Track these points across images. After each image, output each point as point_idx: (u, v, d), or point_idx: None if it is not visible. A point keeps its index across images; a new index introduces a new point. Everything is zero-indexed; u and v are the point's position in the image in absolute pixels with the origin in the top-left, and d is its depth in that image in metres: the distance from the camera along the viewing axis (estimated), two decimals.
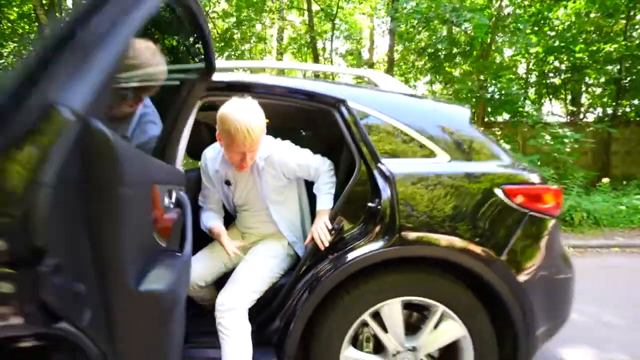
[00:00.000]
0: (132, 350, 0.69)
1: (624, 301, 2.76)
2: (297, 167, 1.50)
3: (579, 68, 10.52)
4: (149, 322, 0.71)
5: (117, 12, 0.62)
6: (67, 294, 0.55)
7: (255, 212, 1.59)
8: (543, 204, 1.43)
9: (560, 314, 1.49)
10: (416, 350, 1.36)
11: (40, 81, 0.54)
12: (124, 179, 0.59)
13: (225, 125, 1.28)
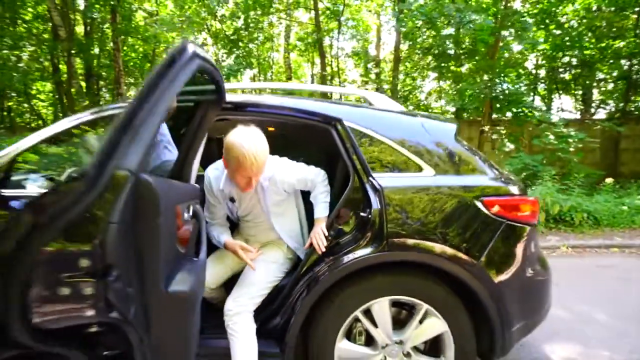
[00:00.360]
0: (162, 337, 0.90)
1: (613, 300, 2.89)
2: (296, 182, 1.65)
3: (589, 63, 10.44)
4: (175, 316, 0.92)
5: (160, 98, 0.84)
6: (122, 295, 0.76)
7: (258, 223, 1.74)
8: (519, 213, 1.58)
9: (536, 313, 1.64)
10: (403, 344, 1.54)
11: (109, 156, 0.79)
12: (160, 211, 0.80)
13: (234, 153, 1.39)
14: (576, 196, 5.17)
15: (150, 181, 0.86)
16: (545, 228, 4.87)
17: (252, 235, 1.80)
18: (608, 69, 10.64)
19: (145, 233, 0.84)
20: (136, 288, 0.81)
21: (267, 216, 1.69)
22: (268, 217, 1.69)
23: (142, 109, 0.86)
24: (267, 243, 1.76)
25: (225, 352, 1.50)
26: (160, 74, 0.93)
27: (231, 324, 1.49)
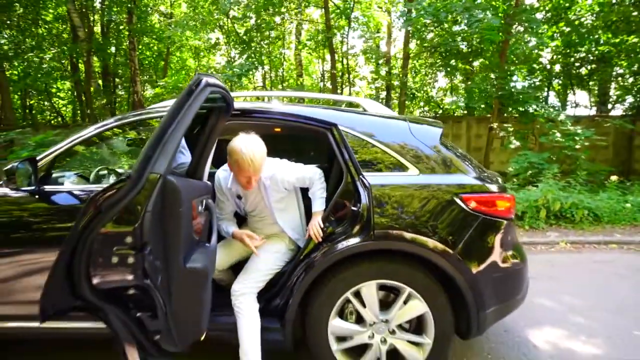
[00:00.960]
0: (180, 303, 1.15)
1: (603, 293, 3.02)
2: (295, 180, 1.87)
3: (606, 59, 10.29)
4: (191, 287, 1.17)
5: (181, 120, 1.12)
6: (153, 266, 1.00)
7: (262, 217, 1.96)
8: (496, 209, 1.77)
9: (510, 298, 1.83)
10: (388, 322, 1.75)
11: (147, 164, 1.07)
12: (182, 203, 1.04)
13: (234, 157, 1.65)
14: (578, 193, 5.24)
15: (174, 181, 1.15)
16: (546, 224, 4.98)
17: (258, 229, 2.01)
18: (627, 63, 10.44)
19: (170, 219, 1.10)
20: (162, 262, 1.07)
21: (270, 211, 1.90)
22: (271, 213, 1.90)
23: (169, 129, 1.15)
24: (271, 235, 1.98)
25: (231, 328, 1.73)
26: (181, 102, 1.21)
27: (237, 303, 1.72)
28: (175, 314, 1.17)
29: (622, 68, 11.04)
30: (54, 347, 2.22)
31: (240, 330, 1.70)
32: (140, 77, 12.33)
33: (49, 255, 1.68)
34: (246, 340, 1.68)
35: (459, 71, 8.91)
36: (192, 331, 1.28)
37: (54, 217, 1.72)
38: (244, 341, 1.68)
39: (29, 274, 1.71)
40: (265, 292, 1.83)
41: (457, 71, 8.60)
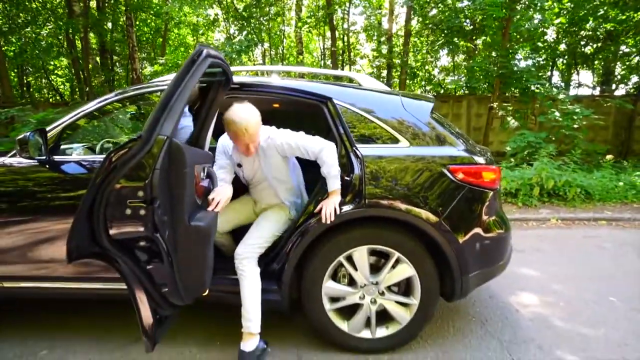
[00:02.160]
0: (185, 256, 1.27)
1: (586, 264, 3.17)
2: (294, 146, 1.84)
3: (612, 36, 10.10)
4: (195, 244, 1.28)
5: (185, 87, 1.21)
6: (161, 220, 1.11)
7: (262, 187, 2.02)
8: (481, 180, 1.87)
9: (492, 264, 1.95)
10: (378, 284, 1.88)
11: (155, 126, 1.18)
12: (186, 164, 1.14)
13: (230, 127, 1.71)
14: (572, 172, 5.33)
15: (179, 143, 1.24)
16: (539, 202, 5.09)
17: (260, 199, 2.09)
18: (634, 42, 10.24)
19: (175, 178, 1.22)
20: (169, 218, 1.18)
21: (268, 180, 1.95)
22: (269, 181, 1.95)
23: (174, 95, 1.24)
24: (273, 205, 2.07)
25: (230, 290, 1.86)
26: (184, 71, 1.30)
27: (240, 266, 1.82)
28: (181, 269, 1.29)
29: (628, 47, 10.86)
30: (61, 309, 2.38)
31: (242, 290, 1.81)
32: (138, 54, 12.17)
33: (58, 219, 1.81)
34: (248, 300, 1.79)
35: (460, 49, 8.79)
36: (196, 286, 1.41)
37: (62, 184, 1.82)
38: (246, 301, 1.80)
39: (40, 237, 1.84)
40: (264, 257, 1.96)
41: (459, 49, 8.48)
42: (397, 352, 1.92)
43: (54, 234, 1.84)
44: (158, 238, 1.24)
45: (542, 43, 10.25)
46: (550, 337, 2.08)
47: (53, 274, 1.87)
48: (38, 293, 1.97)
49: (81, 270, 1.87)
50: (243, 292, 1.81)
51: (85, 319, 2.26)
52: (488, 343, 2.02)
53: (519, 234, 4.16)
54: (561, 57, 12.14)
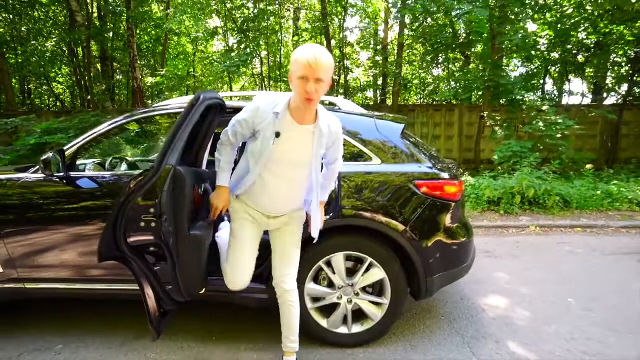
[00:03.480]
0: (185, 259, 1.55)
1: (555, 269, 3.43)
2: (340, 149, 1.76)
3: (602, 45, 10.44)
4: (193, 248, 1.56)
5: (186, 127, 1.53)
6: (167, 230, 1.39)
7: (292, 175, 1.62)
8: (443, 193, 2.14)
9: (455, 266, 2.21)
10: (354, 286, 2.14)
11: (164, 157, 1.44)
12: (186, 187, 1.42)
13: (295, 59, 1.42)
14: (552, 181, 5.61)
15: (182, 170, 1.53)
16: (520, 210, 5.37)
17: (276, 200, 1.68)
18: (623, 52, 10.57)
19: (178, 198, 1.49)
20: (173, 228, 1.47)
21: (311, 167, 1.61)
22: (310, 165, 1.61)
23: (177, 134, 1.54)
24: (293, 216, 1.79)
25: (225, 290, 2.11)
26: (185, 114, 1.61)
27: (292, 298, 1.81)
28: (181, 269, 1.57)
29: (618, 56, 11.20)
30: (73, 309, 2.63)
31: (293, 318, 1.83)
32: (139, 63, 12.47)
33: (72, 227, 2.08)
34: (296, 325, 1.85)
35: (449, 62, 9.13)
36: (194, 285, 1.68)
37: (77, 197, 2.10)
38: (296, 325, 1.85)
39: (57, 243, 2.11)
40: (258, 264, 2.22)
41: (447, 62, 8.82)
42: (370, 346, 2.18)
43: (69, 240, 2.11)
44: (164, 245, 1.51)
45: (534, 51, 10.56)
46: (507, 333, 2.34)
47: (69, 276, 2.13)
48: (54, 293, 2.22)
49: (92, 273, 2.14)
50: (293, 319, 1.84)
51: (94, 318, 2.52)
52: (452, 338, 2.28)
53: (498, 241, 4.44)
54: (554, 66, 12.46)
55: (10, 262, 2.15)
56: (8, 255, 2.14)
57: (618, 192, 5.56)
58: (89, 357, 2.09)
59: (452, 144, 10.25)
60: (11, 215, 2.14)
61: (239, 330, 2.35)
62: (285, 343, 1.88)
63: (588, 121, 9.52)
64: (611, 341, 2.23)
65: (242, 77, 12.24)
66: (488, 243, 4.29)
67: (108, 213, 2.02)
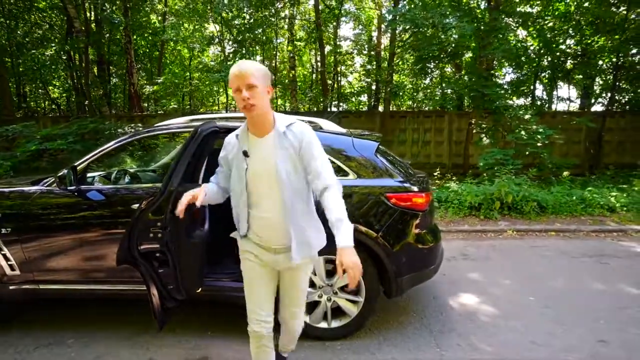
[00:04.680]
0: (185, 262, 1.85)
1: (524, 270, 3.74)
2: (314, 154, 1.49)
3: (588, 53, 10.84)
4: (190, 253, 1.85)
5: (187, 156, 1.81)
6: (170, 239, 1.68)
7: (273, 189, 1.49)
8: (411, 203, 2.43)
9: (422, 268, 2.51)
10: (332, 286, 2.43)
11: (169, 181, 1.77)
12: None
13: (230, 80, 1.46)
14: (529, 187, 5.94)
15: (182, 191, 1.78)
16: (499, 215, 5.69)
17: (262, 234, 1.57)
18: (608, 59, 10.95)
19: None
20: (175, 237, 1.76)
21: (283, 178, 1.46)
22: (282, 179, 1.46)
23: (180, 161, 1.83)
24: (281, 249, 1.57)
25: (218, 289, 2.39)
26: (185, 145, 1.93)
27: (297, 334, 1.91)
28: (181, 271, 1.86)
29: (605, 63, 11.59)
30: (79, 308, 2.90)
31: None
32: (136, 68, 12.69)
33: (82, 234, 2.35)
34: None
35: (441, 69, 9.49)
36: (192, 285, 1.96)
37: (89, 207, 2.38)
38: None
39: (68, 248, 2.38)
40: None
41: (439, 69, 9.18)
42: (348, 339, 2.47)
43: (79, 245, 2.38)
44: (167, 251, 1.80)
45: (524, 58, 10.91)
46: (470, 328, 2.64)
47: (78, 278, 2.41)
48: (65, 294, 2.49)
49: (99, 275, 2.41)
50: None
51: (101, 316, 2.78)
52: (421, 332, 2.57)
53: (476, 244, 4.75)
54: (543, 72, 12.82)
55: (26, 265, 2.42)
56: (25, 259, 2.40)
57: (591, 198, 5.90)
58: (97, 349, 2.36)
59: (441, 149, 10.58)
60: (29, 223, 2.40)
61: (231, 326, 2.62)
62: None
63: (573, 128, 9.92)
64: (559, 333, 2.54)
65: None
66: (466, 246, 4.60)
67: (112, 221, 2.32)
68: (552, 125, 8.89)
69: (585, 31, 10.45)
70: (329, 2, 12.18)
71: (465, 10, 7.97)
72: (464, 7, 8.11)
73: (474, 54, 9.24)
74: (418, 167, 8.74)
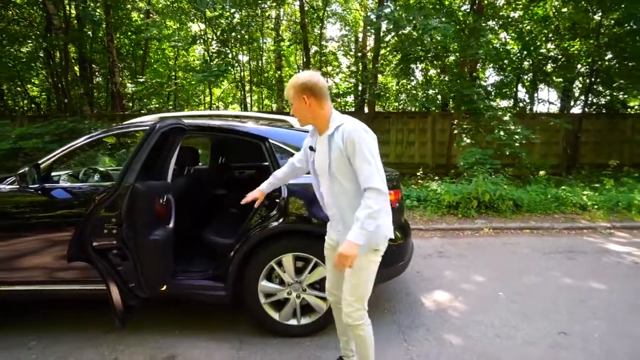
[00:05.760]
0: (145, 260, 1.82)
1: (496, 266, 3.82)
2: (357, 154, 1.56)
3: (567, 57, 11.14)
4: (152, 251, 1.83)
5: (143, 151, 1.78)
6: (128, 235, 1.67)
7: (327, 180, 1.68)
8: None
9: (392, 264, 2.53)
10: (301, 282, 2.44)
11: (124, 176, 1.75)
12: (143, 200, 1.71)
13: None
14: (505, 186, 6.07)
15: (139, 186, 1.79)
16: (477, 213, 5.80)
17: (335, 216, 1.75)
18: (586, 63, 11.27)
19: (136, 209, 1.76)
20: (134, 233, 1.74)
21: (331, 170, 1.64)
22: (332, 173, 1.64)
23: (136, 157, 1.82)
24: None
25: (187, 288, 2.37)
26: (142, 141, 1.90)
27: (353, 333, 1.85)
28: (143, 269, 1.84)
29: (583, 66, 11.93)
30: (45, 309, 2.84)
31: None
32: (118, 67, 12.45)
33: (45, 233, 2.31)
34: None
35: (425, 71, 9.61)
36: (155, 283, 1.95)
37: (52, 206, 2.33)
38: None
39: (30, 248, 2.33)
40: (214, 261, 2.49)
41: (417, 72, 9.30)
42: (317, 335, 2.48)
43: (42, 245, 2.33)
44: (125, 248, 1.77)
45: (507, 60, 11.14)
46: (439, 322, 2.69)
47: (40, 278, 2.35)
48: (27, 295, 2.43)
49: (61, 275, 2.36)
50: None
51: (66, 317, 2.73)
52: (390, 328, 2.61)
53: (452, 242, 4.83)
54: (525, 74, 13.11)
55: None
56: None
57: (565, 197, 6.06)
58: (60, 351, 2.32)
59: (425, 149, 10.72)
60: None
61: (200, 324, 2.61)
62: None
63: (552, 129, 10.18)
64: (523, 326, 2.61)
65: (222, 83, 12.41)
66: (443, 244, 4.68)
67: (78, 220, 2.28)
68: (532, 126, 9.13)
69: (564, 35, 10.76)
70: (315, 2, 12.22)
71: (448, 13, 8.10)
72: (447, 8, 8.23)
73: (457, 57, 9.41)
74: (402, 167, 8.77)
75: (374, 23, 8.31)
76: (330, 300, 2.01)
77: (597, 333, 2.52)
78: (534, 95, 14.25)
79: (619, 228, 5.28)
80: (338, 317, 1.99)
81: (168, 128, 2.02)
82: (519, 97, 13.97)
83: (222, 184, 3.76)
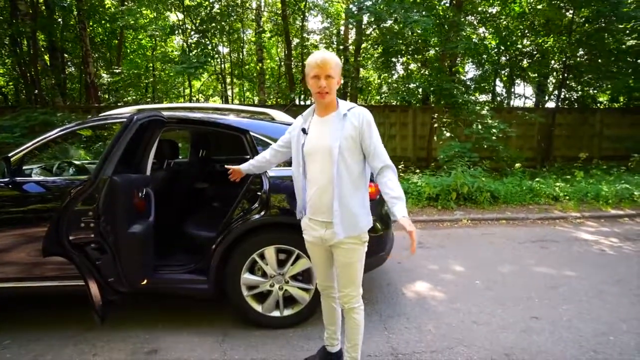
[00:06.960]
0: (124, 254, 1.79)
1: (473, 256, 3.95)
2: (373, 134, 1.63)
3: (541, 52, 11.48)
4: (132, 245, 1.80)
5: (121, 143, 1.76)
6: (106, 229, 1.63)
7: (323, 161, 1.64)
8: None
9: (372, 255, 2.54)
10: (284, 275, 2.46)
11: (101, 169, 1.71)
12: (121, 193, 1.67)
13: (307, 61, 1.63)
14: (483, 178, 6.25)
15: (117, 179, 1.74)
16: (456, 205, 5.96)
17: (314, 206, 1.71)
18: (559, 59, 11.65)
19: (114, 202, 1.73)
20: (112, 227, 1.71)
21: (334, 148, 1.60)
22: (332, 158, 1.61)
23: (113, 149, 1.77)
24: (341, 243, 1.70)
25: (166, 281, 2.35)
26: (120, 133, 1.85)
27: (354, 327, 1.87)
28: (122, 264, 1.81)
29: (556, 62, 12.32)
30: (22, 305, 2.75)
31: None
32: (92, 57, 11.97)
33: (18, 229, 2.22)
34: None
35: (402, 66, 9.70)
36: (135, 277, 1.92)
37: (23, 200, 2.25)
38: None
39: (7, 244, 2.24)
40: (196, 254, 2.47)
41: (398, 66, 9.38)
42: (300, 326, 2.51)
43: (15, 241, 2.25)
44: (103, 242, 1.74)
45: (485, 55, 11.37)
46: (418, 311, 2.77)
47: (14, 275, 2.27)
48: (2, 293, 2.35)
49: (37, 271, 2.29)
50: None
51: (45, 315, 2.65)
52: (371, 317, 2.67)
53: (432, 233, 4.95)
54: (502, 70, 13.42)
55: None
56: None
57: (539, 188, 6.30)
58: (38, 349, 2.26)
59: (406, 143, 10.85)
60: None
61: (182, 318, 2.59)
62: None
63: (527, 123, 10.52)
64: (498, 312, 2.72)
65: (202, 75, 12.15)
66: (423, 235, 4.79)
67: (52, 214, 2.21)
68: (508, 120, 9.41)
69: (539, 32, 11.09)
70: None
71: (428, 7, 8.18)
72: (427, 2, 8.31)
73: (437, 51, 9.54)
74: None
75: (355, 15, 8.31)
76: (324, 293, 1.98)
77: (565, 317, 2.66)
78: (511, 89, 14.69)
79: (588, 217, 5.54)
80: (328, 307, 2.00)
81: (146, 120, 1.98)
82: (496, 91, 14.41)
83: (203, 177, 3.72)
